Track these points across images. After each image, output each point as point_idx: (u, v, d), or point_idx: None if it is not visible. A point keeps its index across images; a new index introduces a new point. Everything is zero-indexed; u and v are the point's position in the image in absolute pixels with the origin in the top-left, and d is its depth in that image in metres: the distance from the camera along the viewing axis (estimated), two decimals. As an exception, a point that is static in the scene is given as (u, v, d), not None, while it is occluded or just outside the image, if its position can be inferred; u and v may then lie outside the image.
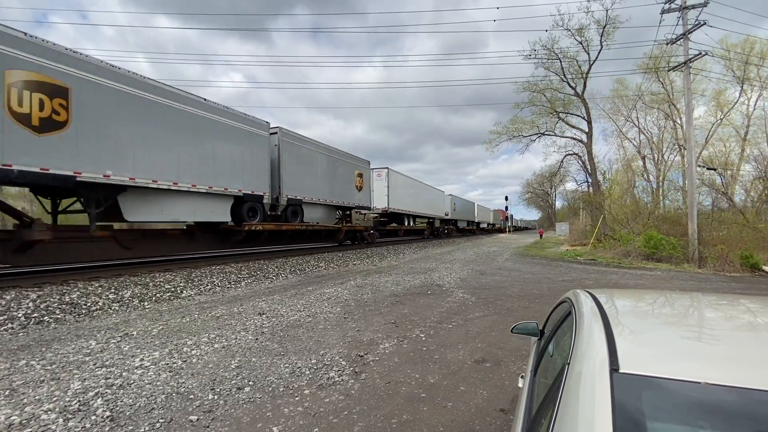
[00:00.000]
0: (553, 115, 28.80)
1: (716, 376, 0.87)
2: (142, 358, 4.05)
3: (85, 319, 5.83)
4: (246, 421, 2.85)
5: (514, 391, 3.35)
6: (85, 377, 3.54)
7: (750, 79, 27.15)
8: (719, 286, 9.92)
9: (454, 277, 10.58)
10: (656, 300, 1.75)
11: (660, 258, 14.97)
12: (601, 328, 1.18)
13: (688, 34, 14.67)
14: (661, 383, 0.87)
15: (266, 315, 6.02)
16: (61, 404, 3.00)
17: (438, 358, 4.22)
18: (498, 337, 4.96)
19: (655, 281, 10.62)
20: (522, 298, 7.70)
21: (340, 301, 7.14)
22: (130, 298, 6.96)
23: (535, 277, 10.96)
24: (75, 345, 4.51)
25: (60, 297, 6.42)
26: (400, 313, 6.29)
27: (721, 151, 30.21)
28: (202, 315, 6.02)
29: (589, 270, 12.94)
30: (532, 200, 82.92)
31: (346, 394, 3.30)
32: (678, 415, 0.82)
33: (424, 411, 3.02)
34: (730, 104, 28.96)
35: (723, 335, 1.26)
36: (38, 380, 3.47)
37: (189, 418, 2.85)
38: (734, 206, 23.86)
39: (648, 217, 20.63)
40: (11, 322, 5.35)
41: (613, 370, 0.91)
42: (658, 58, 24.24)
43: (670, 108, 29.34)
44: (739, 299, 1.73)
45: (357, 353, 4.32)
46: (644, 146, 34.23)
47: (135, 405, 3.03)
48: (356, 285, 9.02)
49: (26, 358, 4.05)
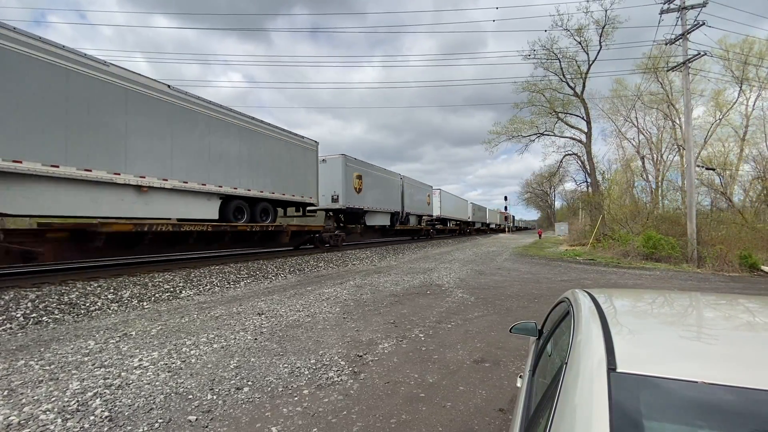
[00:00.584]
0: (552, 115, 28.86)
1: (713, 375, 0.87)
2: (141, 359, 4.04)
3: (83, 320, 5.82)
4: (245, 421, 2.85)
5: (513, 391, 3.35)
6: (84, 377, 3.54)
7: (749, 79, 27.21)
8: (718, 286, 9.94)
9: (453, 277, 10.58)
10: (654, 300, 1.75)
11: (659, 258, 14.99)
12: (599, 327, 1.18)
13: (686, 34, 14.69)
14: (658, 382, 0.87)
15: (265, 315, 6.01)
16: (59, 404, 3.00)
17: (437, 358, 4.23)
18: (497, 337, 4.96)
19: (654, 281, 10.63)
20: (521, 297, 7.70)
21: (339, 301, 7.14)
22: (129, 299, 6.95)
23: (534, 277, 10.97)
24: (74, 345, 4.50)
25: (59, 297, 6.41)
26: (399, 313, 6.29)
27: (720, 151, 30.29)
28: (201, 315, 6.02)
29: (588, 270, 12.95)
30: (532, 200, 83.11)
31: (345, 394, 3.30)
32: (675, 414, 0.82)
33: (423, 411, 3.02)
34: (729, 104, 29.02)
35: (721, 335, 1.26)
36: (37, 380, 3.47)
37: (188, 419, 2.85)
38: (733, 206, 23.90)
39: (647, 217, 20.67)
40: (10, 322, 5.34)
41: (610, 370, 0.91)
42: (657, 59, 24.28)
43: (669, 108, 29.38)
44: (737, 299, 1.73)
45: (356, 353, 4.32)
46: (643, 146, 34.30)
47: (134, 405, 3.03)
48: (355, 285, 9.02)
49: (25, 359, 4.04)
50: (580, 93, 26.92)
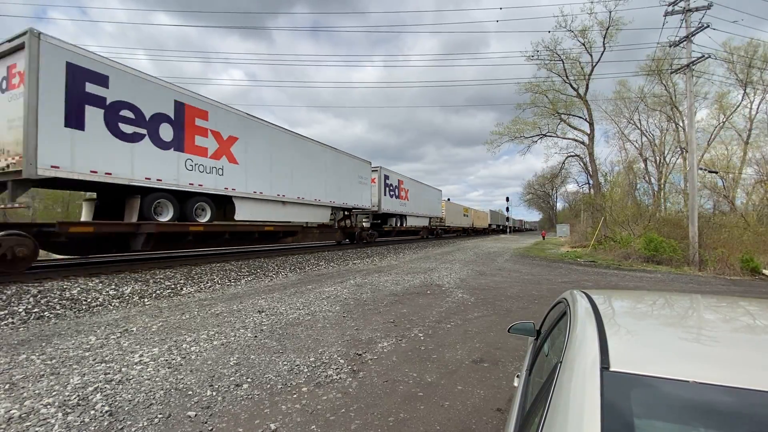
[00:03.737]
0: (555, 116, 28.79)
1: (705, 375, 0.88)
2: (142, 354, 4.07)
3: (85, 315, 5.86)
4: (244, 417, 2.86)
5: (511, 390, 3.36)
6: (85, 372, 3.56)
7: (753, 82, 27.09)
8: (719, 289, 9.91)
9: (453, 277, 10.59)
10: (651, 301, 1.76)
11: (660, 260, 14.96)
12: (594, 327, 1.19)
13: (691, 36, 14.64)
14: (651, 382, 0.88)
15: (266, 313, 6.04)
16: (60, 399, 3.02)
17: (436, 357, 4.24)
18: (496, 338, 4.97)
19: (655, 284, 10.61)
20: (521, 299, 7.71)
21: (340, 300, 7.16)
22: (130, 295, 6.99)
23: (534, 278, 10.97)
24: (75, 340, 4.53)
25: (60, 292, 6.45)
26: (399, 312, 6.30)
27: (723, 154, 30.18)
28: (201, 312, 6.04)
29: (589, 272, 12.93)
30: (533, 201, 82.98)
31: (344, 392, 3.31)
32: (666, 412, 0.84)
33: (422, 410, 3.03)
34: (732, 107, 28.91)
35: (716, 336, 1.27)
36: (38, 375, 3.50)
37: (187, 414, 2.87)
38: (735, 210, 23.82)
39: (649, 220, 20.62)
40: (12, 316, 5.38)
41: (603, 369, 0.92)
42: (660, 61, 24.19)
43: (672, 110, 29.28)
44: (734, 301, 1.74)
45: (355, 352, 4.33)
46: (646, 148, 34.24)
47: (134, 400, 3.05)
48: (356, 284, 9.04)
49: (26, 353, 4.07)
50: (583, 94, 26.86)
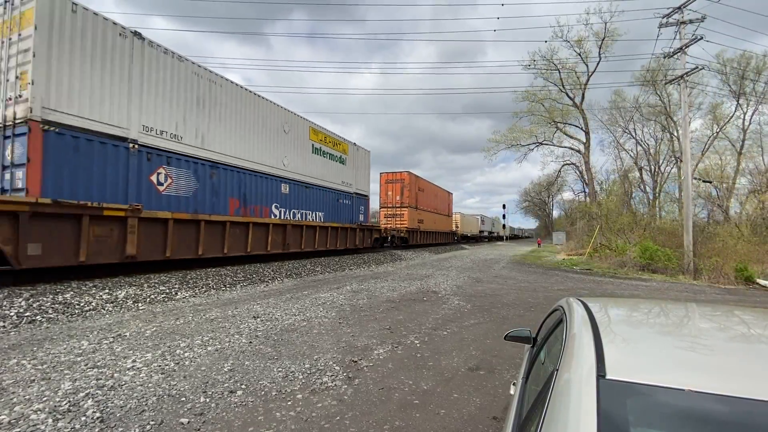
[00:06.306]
0: (551, 124, 29.10)
1: (701, 383, 0.88)
2: (135, 360, 4.02)
3: (77, 319, 5.79)
4: (237, 424, 2.83)
5: (508, 398, 3.34)
6: (76, 377, 3.51)
7: (746, 93, 27.52)
8: (713, 297, 9.96)
9: (450, 284, 10.58)
10: (647, 309, 1.77)
11: (655, 269, 15.03)
12: (591, 335, 1.20)
13: (685, 48, 14.88)
14: (647, 390, 0.88)
15: (261, 318, 5.99)
16: (51, 404, 2.97)
17: (432, 364, 4.22)
18: (492, 345, 4.95)
19: (650, 292, 10.65)
20: (517, 306, 7.70)
21: (336, 306, 7.12)
22: (124, 299, 6.92)
23: (530, 285, 10.97)
24: (67, 345, 4.47)
25: (53, 296, 6.37)
26: (395, 319, 6.28)
27: (717, 164, 30.50)
28: (196, 317, 5.99)
29: (585, 279, 12.96)
30: (530, 209, 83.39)
31: (339, 400, 3.28)
32: (662, 421, 0.84)
33: (417, 418, 3.01)
34: (726, 118, 29.31)
35: (711, 344, 1.27)
36: (29, 380, 3.44)
37: (180, 421, 2.83)
38: (730, 219, 24.03)
39: (644, 228, 20.74)
40: (3, 320, 5.30)
41: (599, 377, 0.92)
42: (655, 71, 24.58)
43: (667, 120, 29.66)
44: (729, 310, 1.75)
45: (351, 359, 4.31)
46: (641, 157, 34.58)
47: (126, 406, 3.00)
48: (352, 290, 9.00)
49: (17, 357, 4.01)
50: (579, 103, 27.18)
